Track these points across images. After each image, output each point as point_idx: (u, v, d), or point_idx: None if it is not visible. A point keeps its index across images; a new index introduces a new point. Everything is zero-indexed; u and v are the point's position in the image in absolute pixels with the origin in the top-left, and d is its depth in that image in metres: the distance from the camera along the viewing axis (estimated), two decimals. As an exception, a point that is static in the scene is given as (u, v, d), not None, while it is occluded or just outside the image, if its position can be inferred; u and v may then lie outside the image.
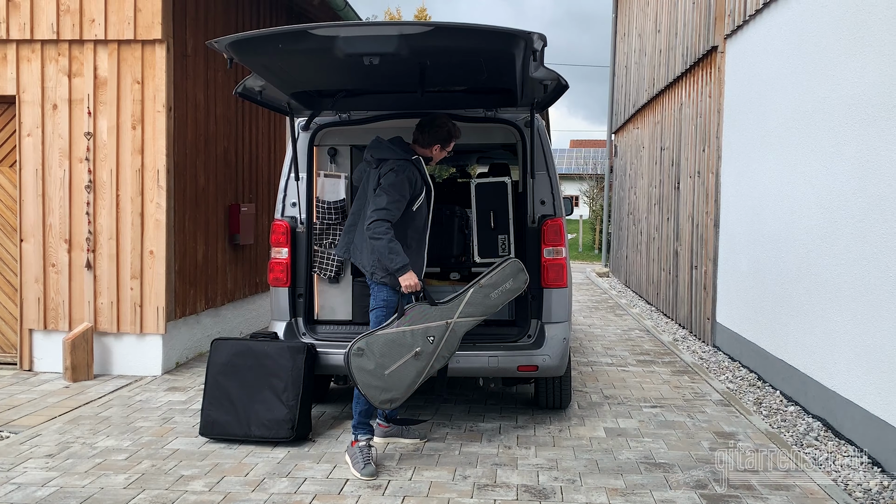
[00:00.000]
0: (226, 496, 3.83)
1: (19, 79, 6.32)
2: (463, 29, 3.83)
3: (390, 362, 4.12)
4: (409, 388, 4.19)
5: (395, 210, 4.20)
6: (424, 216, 4.46)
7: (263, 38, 3.95)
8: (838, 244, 5.04)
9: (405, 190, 4.26)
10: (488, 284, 4.46)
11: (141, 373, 6.35)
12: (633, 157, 13.72)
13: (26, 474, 4.11)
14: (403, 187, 4.26)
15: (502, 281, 4.50)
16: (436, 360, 4.30)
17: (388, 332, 4.15)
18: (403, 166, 4.32)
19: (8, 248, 6.57)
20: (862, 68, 4.79)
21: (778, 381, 6.10)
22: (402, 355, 4.15)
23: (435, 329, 4.27)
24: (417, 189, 4.35)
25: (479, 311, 4.43)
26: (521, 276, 4.58)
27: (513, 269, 4.55)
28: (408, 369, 4.17)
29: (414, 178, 4.34)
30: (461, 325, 4.37)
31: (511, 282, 4.52)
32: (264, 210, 8.56)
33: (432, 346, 4.24)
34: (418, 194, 4.36)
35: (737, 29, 7.40)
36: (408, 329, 4.19)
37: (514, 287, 4.53)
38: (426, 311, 4.28)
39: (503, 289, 4.49)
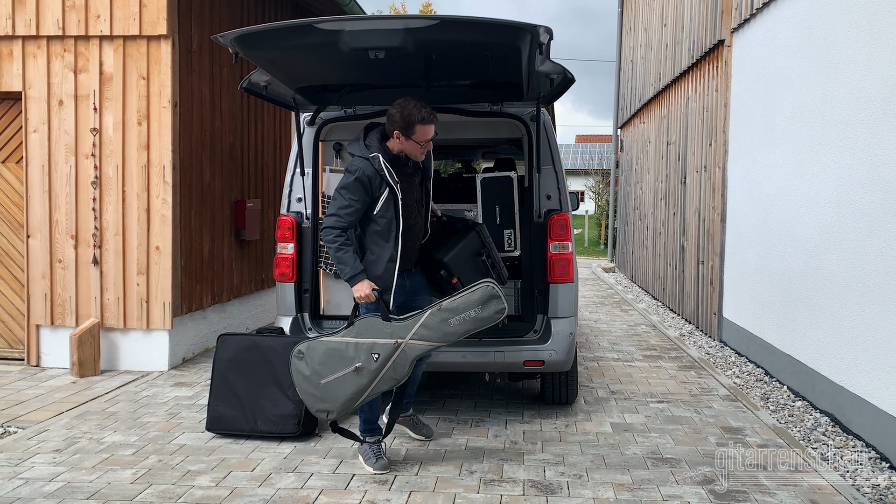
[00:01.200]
0: (232, 491, 3.84)
1: (25, 75, 6.33)
2: (468, 22, 3.82)
3: (327, 372, 3.81)
4: (346, 403, 3.86)
5: (345, 216, 3.92)
6: (390, 219, 4.01)
7: (269, 33, 3.94)
8: (847, 238, 5.01)
9: (358, 193, 3.93)
10: (448, 308, 3.85)
11: (147, 368, 6.37)
12: (639, 151, 13.68)
13: (34, 469, 4.12)
14: (355, 190, 3.93)
15: (465, 307, 3.85)
16: (381, 381, 3.86)
17: (331, 340, 3.82)
18: (356, 166, 3.96)
19: (15, 244, 6.59)
20: (871, 61, 4.75)
21: (785, 376, 6.08)
22: (341, 368, 3.80)
23: (382, 347, 3.81)
24: (377, 190, 3.96)
25: (435, 337, 3.84)
26: (492, 304, 3.88)
27: (482, 294, 3.88)
28: (345, 384, 3.82)
29: (369, 179, 3.94)
30: (413, 348, 3.83)
31: (478, 310, 3.85)
32: (270, 205, 8.56)
33: (376, 365, 3.81)
34: (378, 196, 3.97)
35: (744, 22, 7.36)
36: (352, 341, 3.82)
37: (481, 317, 3.86)
38: (376, 325, 3.85)
39: (466, 317, 3.83)
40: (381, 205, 3.97)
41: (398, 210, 3.99)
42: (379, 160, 3.95)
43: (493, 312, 3.88)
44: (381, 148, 4.01)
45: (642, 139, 13.26)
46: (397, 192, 3.99)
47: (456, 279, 4.34)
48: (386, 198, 3.97)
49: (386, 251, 4.01)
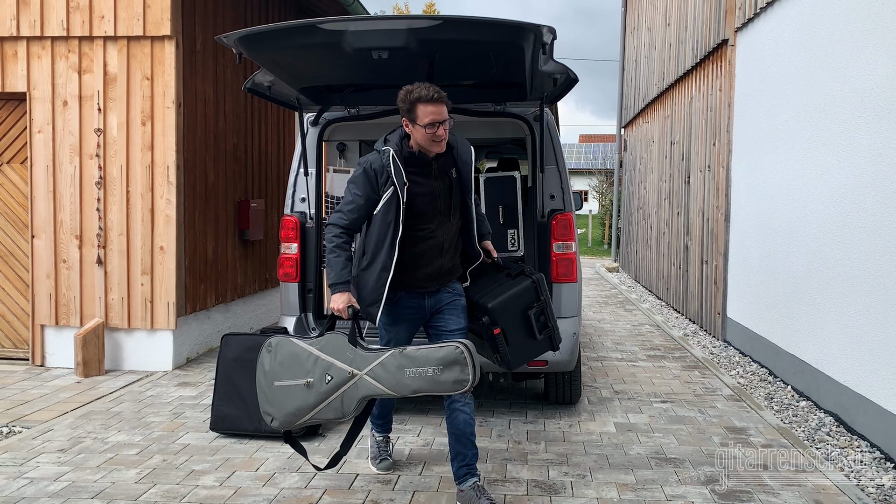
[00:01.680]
0: (236, 491, 3.85)
1: (30, 76, 6.35)
2: (472, 22, 3.82)
3: (284, 375, 3.45)
4: (289, 416, 3.46)
5: (347, 214, 3.56)
6: (390, 222, 3.52)
7: (272, 33, 3.95)
8: (851, 238, 5.00)
9: (363, 187, 3.55)
10: (409, 356, 3.30)
11: (152, 368, 6.38)
12: (642, 151, 13.66)
13: (39, 469, 4.13)
14: (360, 184, 3.56)
15: (425, 362, 3.26)
16: (327, 408, 3.41)
17: (298, 343, 3.47)
18: (366, 158, 3.61)
19: (20, 245, 6.61)
20: (875, 60, 4.74)
21: (789, 376, 6.07)
22: (295, 376, 3.43)
23: (337, 371, 3.37)
24: (382, 187, 3.53)
25: (387, 382, 3.32)
26: (453, 371, 3.25)
27: (446, 355, 3.27)
28: (292, 396, 3.43)
29: (375, 173, 3.54)
30: (365, 385, 3.35)
31: (437, 371, 3.25)
32: (274, 206, 8.57)
33: (326, 388, 3.38)
34: (382, 194, 3.54)
35: (747, 22, 7.35)
36: (314, 353, 3.42)
37: (438, 380, 3.26)
38: (342, 345, 3.41)
39: (423, 373, 3.26)
40: (383, 204, 3.53)
41: (398, 214, 3.52)
42: (389, 154, 3.53)
43: (452, 382, 3.24)
44: (399, 144, 3.59)
45: (646, 139, 13.25)
46: (401, 194, 3.51)
47: (499, 329, 3.76)
48: (388, 197, 3.52)
49: (379, 259, 3.53)
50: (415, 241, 3.60)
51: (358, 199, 3.58)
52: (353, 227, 3.61)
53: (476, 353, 3.30)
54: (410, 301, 3.67)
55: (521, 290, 3.82)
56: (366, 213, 3.59)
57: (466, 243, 3.81)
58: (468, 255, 3.83)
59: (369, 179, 3.55)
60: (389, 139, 3.59)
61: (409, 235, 3.57)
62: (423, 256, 3.61)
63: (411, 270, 3.60)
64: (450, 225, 3.68)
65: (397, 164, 3.52)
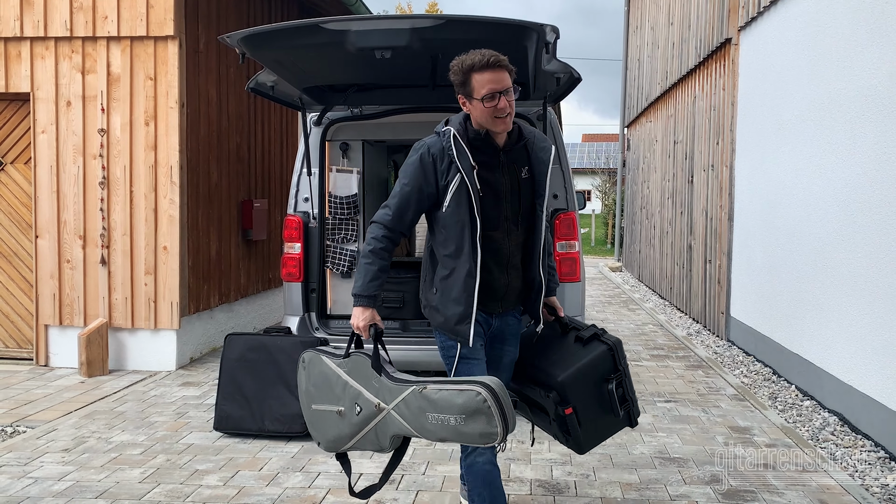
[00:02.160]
0: (240, 490, 3.85)
1: (33, 76, 6.36)
2: (475, 21, 3.82)
3: (319, 398, 3.11)
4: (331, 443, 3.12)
5: (394, 209, 2.93)
6: (463, 218, 2.89)
7: (276, 33, 3.95)
8: (855, 237, 4.98)
9: (415, 177, 2.91)
10: (428, 398, 2.73)
11: (155, 368, 6.39)
12: (645, 150, 13.64)
13: (43, 468, 4.14)
14: (410, 174, 2.92)
15: (447, 409, 2.69)
16: (363, 439, 3.01)
17: (328, 362, 3.07)
18: (421, 142, 2.98)
19: (23, 245, 6.62)
20: (879, 59, 4.73)
21: (793, 376, 6.05)
22: (328, 400, 3.07)
23: (365, 402, 2.93)
24: (443, 176, 2.90)
25: (413, 425, 2.80)
26: (477, 422, 2.63)
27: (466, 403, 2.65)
28: (330, 423, 3.09)
29: (433, 159, 2.90)
30: (394, 422, 2.85)
31: (459, 420, 2.66)
32: (277, 205, 8.58)
33: (357, 419, 2.97)
34: (446, 185, 2.90)
35: (751, 21, 7.33)
36: (343, 377, 3.00)
37: (462, 431, 2.67)
38: (367, 371, 2.93)
39: (444, 421, 2.70)
40: (451, 197, 2.88)
41: (473, 204, 2.87)
42: (450, 134, 2.91)
43: (478, 435, 2.65)
44: (462, 123, 2.96)
45: (649, 138, 13.23)
46: (471, 181, 2.86)
47: (570, 409, 3.05)
48: (456, 187, 2.88)
49: (462, 262, 2.89)
50: (489, 250, 2.95)
51: (407, 191, 2.91)
52: (398, 229, 2.94)
53: (506, 396, 2.66)
54: (480, 315, 3.00)
55: (595, 360, 3.10)
56: (416, 210, 2.94)
57: (528, 265, 3.06)
58: (526, 281, 3.09)
59: (424, 167, 2.90)
60: (451, 120, 3.00)
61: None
62: (490, 271, 2.97)
63: (486, 284, 2.95)
64: (516, 235, 3.02)
65: (461, 145, 2.89)
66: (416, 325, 5.23)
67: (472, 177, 2.88)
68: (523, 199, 3.02)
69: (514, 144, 3.00)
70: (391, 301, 5.34)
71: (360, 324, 2.94)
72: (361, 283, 2.94)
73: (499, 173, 2.97)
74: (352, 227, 5.43)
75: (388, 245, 2.95)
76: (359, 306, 2.94)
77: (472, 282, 2.89)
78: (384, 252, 2.95)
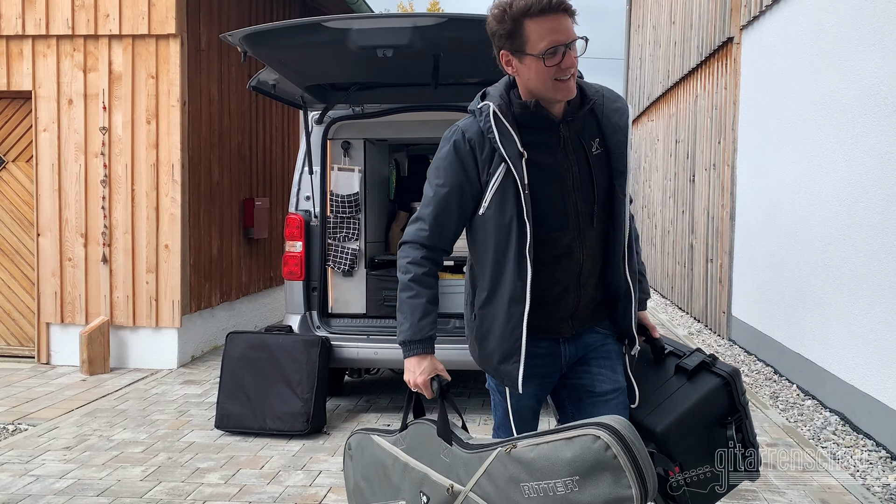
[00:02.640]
0: (241, 489, 3.85)
1: (35, 74, 6.36)
2: (477, 20, 3.82)
3: (370, 494, 2.39)
4: None
5: (431, 222, 2.18)
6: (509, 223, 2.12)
7: (277, 32, 3.96)
8: (857, 237, 4.98)
9: (449, 175, 2.16)
10: (520, 460, 1.91)
11: (157, 366, 6.39)
12: (647, 149, 13.63)
13: (44, 466, 4.15)
14: (444, 170, 2.17)
15: (550, 471, 1.85)
16: None
17: (381, 443, 2.37)
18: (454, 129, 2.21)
19: (25, 243, 6.63)
20: (882, 58, 4.72)
21: (795, 375, 6.05)
22: (384, 495, 2.33)
23: (433, 487, 2.15)
24: (484, 168, 2.14)
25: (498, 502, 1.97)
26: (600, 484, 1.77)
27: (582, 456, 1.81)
28: None
29: (470, 147, 2.15)
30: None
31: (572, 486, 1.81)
32: (278, 204, 8.58)
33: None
34: (488, 180, 2.14)
35: (753, 20, 7.32)
36: (401, 457, 2.29)
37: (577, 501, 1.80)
38: (433, 443, 2.19)
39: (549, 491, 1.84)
40: (492, 196, 2.13)
41: (522, 205, 2.08)
42: (488, 112, 2.13)
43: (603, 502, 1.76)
44: (505, 95, 2.19)
45: (650, 137, 13.22)
46: (519, 171, 2.09)
47: (677, 468, 2.21)
48: (499, 183, 2.12)
49: (505, 284, 2.13)
50: (553, 255, 2.18)
51: (443, 194, 2.17)
52: (439, 246, 2.22)
53: (638, 441, 1.80)
54: (540, 346, 2.23)
55: (707, 399, 2.28)
56: (459, 218, 2.20)
57: (610, 270, 2.26)
58: (609, 289, 2.29)
59: (462, 159, 2.15)
60: (489, 91, 2.25)
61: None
62: (554, 285, 2.19)
63: (539, 304, 2.16)
64: (592, 233, 2.21)
65: (504, 125, 2.11)
66: None
67: (519, 168, 2.09)
68: (598, 184, 2.19)
69: (576, 112, 2.18)
70: (392, 300, 5.33)
71: (418, 379, 2.17)
72: (410, 325, 2.17)
73: (560, 154, 2.16)
74: (353, 226, 5.43)
75: (431, 269, 2.21)
76: (413, 356, 2.18)
77: (520, 309, 2.11)
78: (428, 278, 2.20)
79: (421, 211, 2.24)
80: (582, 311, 2.26)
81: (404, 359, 2.20)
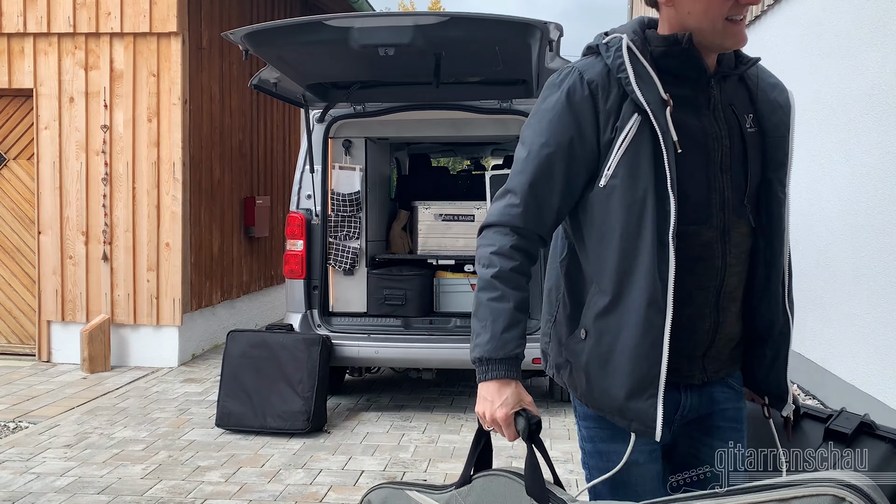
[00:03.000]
0: (242, 487, 3.85)
1: (36, 72, 6.36)
2: (478, 19, 3.82)
3: None
4: None
5: (525, 192, 1.58)
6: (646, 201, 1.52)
7: (279, 30, 3.95)
8: (858, 236, 4.97)
9: (559, 131, 1.56)
10: None
11: (157, 364, 6.39)
12: (648, 149, 13.63)
13: (45, 464, 4.15)
14: (551, 125, 1.57)
15: None
16: None
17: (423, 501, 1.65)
18: (566, 71, 1.61)
19: (26, 241, 6.63)
20: (884, 58, 4.72)
21: (795, 375, 6.05)
22: None
23: None
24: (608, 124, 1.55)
25: None
26: None
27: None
28: None
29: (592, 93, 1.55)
30: None
31: None
32: (279, 202, 8.58)
33: None
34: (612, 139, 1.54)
35: (754, 19, 7.32)
36: None
37: None
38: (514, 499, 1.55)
39: None
40: (621, 157, 1.53)
41: (667, 173, 1.52)
42: (621, 45, 1.56)
43: None
44: (639, 33, 1.61)
45: (652, 136, 13.22)
46: (662, 124, 1.52)
47: None
48: (631, 139, 1.53)
49: (637, 283, 1.54)
50: (692, 258, 1.58)
51: (545, 155, 1.56)
52: (536, 230, 1.59)
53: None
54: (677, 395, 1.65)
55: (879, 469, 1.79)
56: (565, 191, 1.58)
57: (757, 294, 1.71)
58: (754, 324, 1.72)
59: (576, 108, 1.55)
60: (616, 29, 1.64)
61: None
62: (685, 302, 1.57)
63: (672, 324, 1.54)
64: (738, 236, 1.64)
65: (640, 63, 1.54)
66: (418, 322, 5.23)
67: (662, 119, 1.51)
68: (751, 170, 1.65)
69: (727, 72, 1.62)
70: (393, 298, 5.33)
71: (496, 413, 1.56)
72: (490, 337, 1.53)
73: (708, 119, 1.58)
74: (354, 225, 5.43)
75: (524, 263, 1.56)
76: (491, 380, 1.54)
77: (660, 319, 1.51)
78: (518, 276, 1.55)
79: (511, 181, 1.59)
80: (718, 349, 1.63)
81: (479, 382, 1.56)
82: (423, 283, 5.40)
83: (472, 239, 5.64)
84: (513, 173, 1.61)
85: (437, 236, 5.72)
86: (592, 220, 1.58)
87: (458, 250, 5.77)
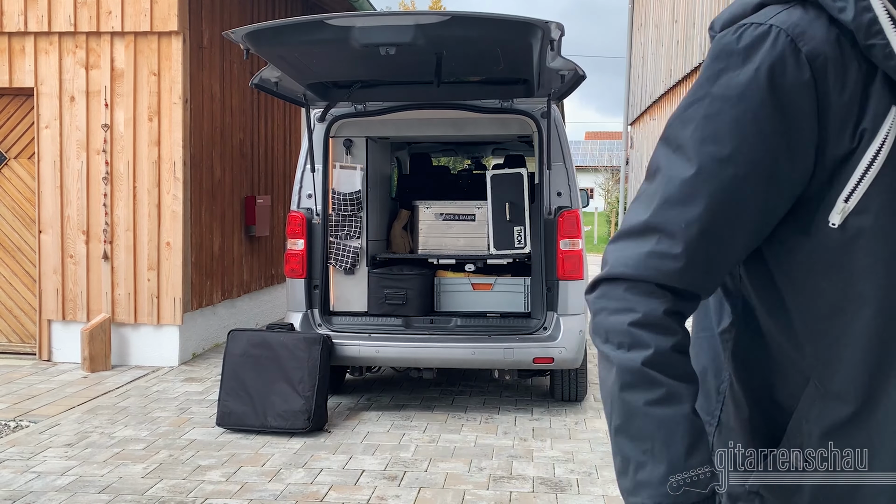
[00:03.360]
0: (242, 486, 3.85)
1: (37, 71, 6.36)
2: (480, 18, 3.81)
3: None
4: None
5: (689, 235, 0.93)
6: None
7: (280, 29, 3.95)
8: (859, 236, 4.97)
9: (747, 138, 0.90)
10: None
11: (158, 363, 6.39)
12: (649, 148, 13.63)
13: (46, 463, 4.15)
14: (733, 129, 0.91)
15: None
16: None
17: None
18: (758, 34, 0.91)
19: (27, 240, 6.63)
20: (885, 57, 4.71)
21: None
22: None
23: None
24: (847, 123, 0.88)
25: None
26: None
27: None
28: None
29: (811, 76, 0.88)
30: None
31: None
32: (280, 202, 8.58)
33: None
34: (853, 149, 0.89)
35: (756, 18, 7.31)
36: None
37: None
38: None
39: None
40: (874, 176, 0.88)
41: None
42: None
43: None
44: None
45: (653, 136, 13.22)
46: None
47: None
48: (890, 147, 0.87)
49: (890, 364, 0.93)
50: None
51: (734, 178, 0.92)
52: (698, 288, 0.98)
53: None
54: None
55: None
56: (753, 236, 0.97)
57: None
58: None
59: (783, 101, 0.90)
60: None
61: None
62: None
63: None
64: None
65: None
66: (418, 321, 5.23)
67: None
68: None
69: None
70: (394, 298, 5.33)
71: None
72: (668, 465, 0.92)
73: None
74: (355, 224, 5.43)
75: (685, 336, 0.97)
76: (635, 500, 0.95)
77: None
78: (683, 358, 0.97)
79: (659, 213, 0.96)
80: None
81: None
82: (423, 283, 5.40)
83: (473, 238, 5.67)
84: (662, 200, 0.96)
85: (437, 236, 5.72)
86: (806, 281, 0.96)
87: (458, 250, 5.77)
